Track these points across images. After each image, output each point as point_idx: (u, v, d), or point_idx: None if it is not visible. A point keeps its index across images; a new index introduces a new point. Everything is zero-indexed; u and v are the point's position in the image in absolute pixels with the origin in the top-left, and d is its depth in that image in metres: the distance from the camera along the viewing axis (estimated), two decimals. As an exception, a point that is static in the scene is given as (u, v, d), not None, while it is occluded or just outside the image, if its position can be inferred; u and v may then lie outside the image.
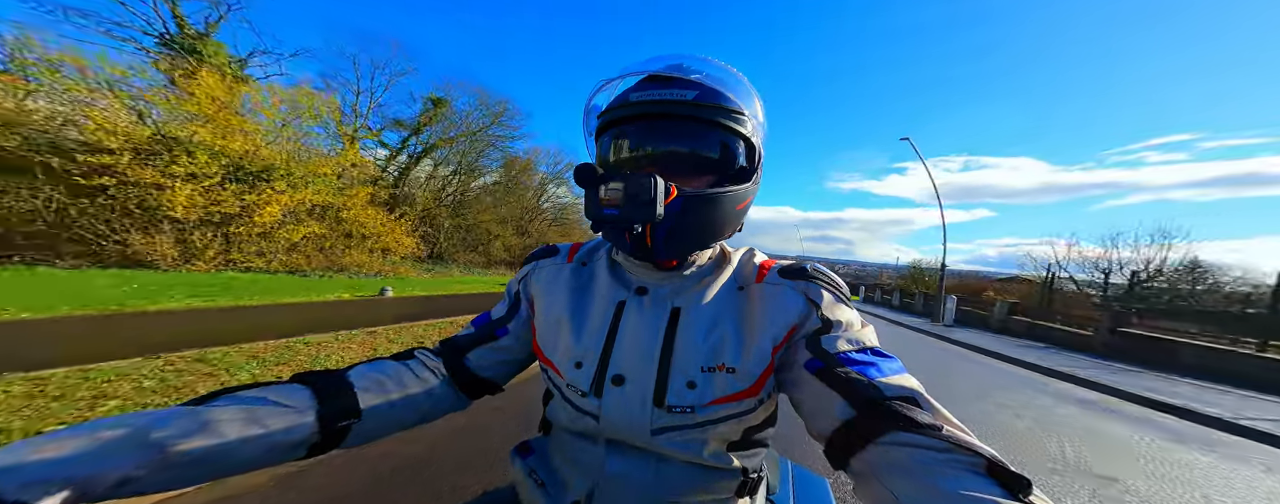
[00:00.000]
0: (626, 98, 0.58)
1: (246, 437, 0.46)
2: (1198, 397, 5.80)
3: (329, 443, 0.53)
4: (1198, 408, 5.18)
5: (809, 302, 0.59)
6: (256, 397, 0.50)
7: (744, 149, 0.60)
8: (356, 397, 0.56)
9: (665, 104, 0.55)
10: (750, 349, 0.57)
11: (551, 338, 0.65)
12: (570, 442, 0.64)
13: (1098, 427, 4.54)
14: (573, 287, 0.67)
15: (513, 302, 0.73)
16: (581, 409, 0.60)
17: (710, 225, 0.59)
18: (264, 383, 0.53)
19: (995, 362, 8.49)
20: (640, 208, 0.50)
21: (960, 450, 0.41)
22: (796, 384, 0.56)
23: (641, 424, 0.57)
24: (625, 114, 0.57)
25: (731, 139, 0.58)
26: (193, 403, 0.47)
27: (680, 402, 0.56)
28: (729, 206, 0.59)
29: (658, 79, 0.57)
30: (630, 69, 0.59)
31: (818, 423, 0.52)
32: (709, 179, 0.59)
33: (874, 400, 0.47)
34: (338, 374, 0.58)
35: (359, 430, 0.56)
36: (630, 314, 0.61)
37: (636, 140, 0.59)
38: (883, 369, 0.51)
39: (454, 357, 0.68)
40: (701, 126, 0.56)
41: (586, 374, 0.59)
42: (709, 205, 0.57)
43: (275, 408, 0.49)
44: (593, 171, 0.52)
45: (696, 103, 0.55)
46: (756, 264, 0.66)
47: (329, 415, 0.53)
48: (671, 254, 0.60)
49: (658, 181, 0.51)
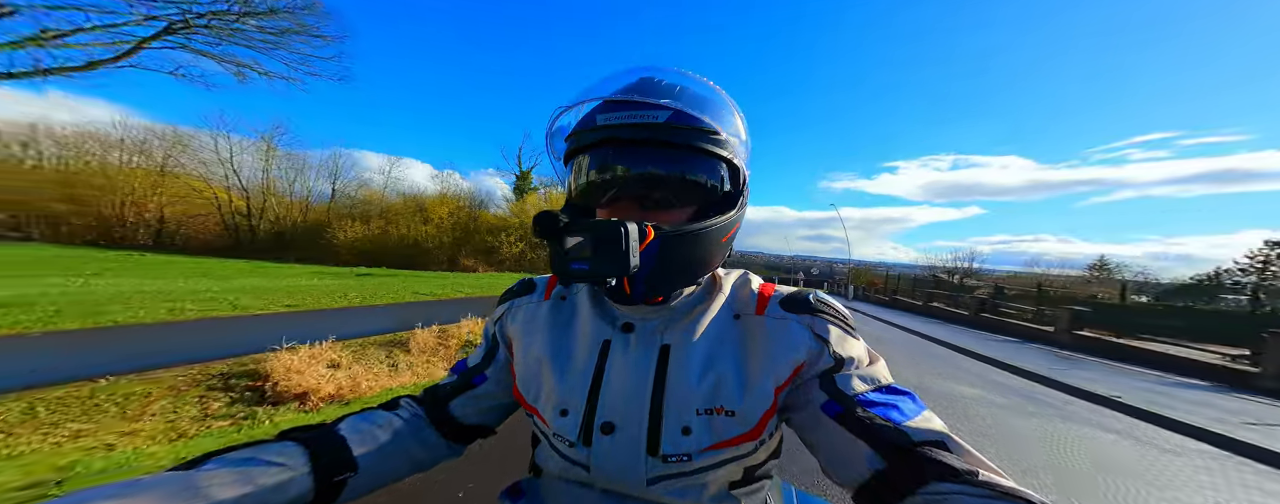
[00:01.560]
0: (593, 120, 0.54)
1: (241, 497, 0.43)
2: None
3: (325, 499, 0.51)
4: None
5: (816, 337, 0.55)
6: (247, 457, 0.48)
7: (727, 172, 0.56)
8: (350, 450, 0.54)
9: (635, 128, 0.51)
10: (752, 389, 0.53)
11: (533, 382, 0.61)
12: (563, 489, 0.60)
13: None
14: (552, 325, 0.63)
15: (490, 345, 0.69)
16: (571, 459, 0.56)
17: (695, 262, 0.56)
18: (254, 442, 0.51)
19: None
20: (611, 259, 0.47)
21: (1003, 497, 0.39)
22: (813, 428, 0.52)
23: (636, 475, 0.53)
24: (592, 140, 0.53)
25: (711, 163, 0.55)
26: (182, 468, 0.45)
27: (676, 450, 0.52)
28: (714, 239, 0.55)
29: (623, 103, 0.52)
30: (594, 88, 0.55)
31: (843, 472, 0.49)
32: (690, 209, 0.56)
33: (903, 447, 0.45)
34: (328, 428, 0.56)
35: (355, 484, 0.53)
36: (616, 354, 0.57)
37: (604, 169, 0.54)
38: (905, 411, 0.49)
39: (437, 408, 0.65)
40: (677, 151, 0.53)
41: (573, 422, 0.55)
42: (691, 243, 0.53)
43: (268, 467, 0.47)
44: (553, 221, 0.49)
45: (670, 125, 0.51)
46: (754, 291, 0.61)
47: (324, 470, 0.51)
48: (654, 295, 0.56)
49: (629, 230, 0.47)
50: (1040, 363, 7.56)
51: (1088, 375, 6.71)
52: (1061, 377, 6.42)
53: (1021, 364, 7.26)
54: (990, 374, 6.74)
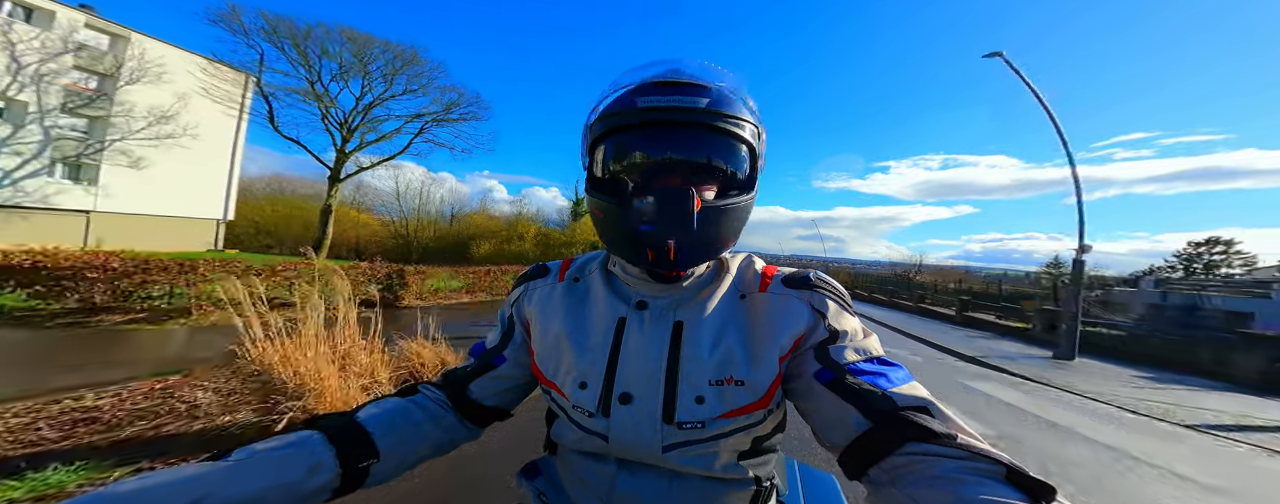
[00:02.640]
0: (633, 103, 0.56)
1: (271, 486, 0.46)
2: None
3: (351, 484, 0.53)
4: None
5: (814, 311, 0.59)
6: (274, 447, 0.50)
7: (749, 159, 0.59)
8: (371, 437, 0.56)
9: (678, 111, 0.54)
10: (758, 361, 0.57)
11: (552, 359, 0.64)
12: (578, 461, 0.64)
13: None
14: (568, 305, 0.66)
15: (506, 328, 0.72)
16: (589, 430, 0.60)
17: (723, 236, 0.58)
18: (279, 434, 0.53)
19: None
20: (677, 223, 0.51)
21: (979, 459, 0.41)
22: (806, 395, 0.56)
23: (652, 442, 0.56)
24: (633, 121, 0.55)
25: (740, 147, 0.57)
26: (211, 458, 0.47)
27: (690, 417, 0.56)
28: (740, 217, 0.58)
29: (665, 85, 0.55)
30: (627, 77, 0.58)
31: (831, 435, 0.52)
32: (716, 189, 0.58)
33: (888, 411, 0.48)
34: (348, 417, 0.58)
35: (378, 470, 0.56)
36: (632, 330, 0.60)
37: (648, 149, 0.57)
38: (892, 379, 0.52)
39: (456, 389, 0.68)
40: (713, 135, 0.55)
41: (592, 394, 0.59)
42: (725, 217, 0.56)
43: (296, 456, 0.50)
44: (617, 185, 0.55)
45: (709, 110, 0.54)
46: (758, 271, 0.66)
47: (348, 458, 0.53)
48: (690, 265, 0.59)
49: (693, 194, 0.52)
50: (931, 331, 13.14)
51: (950, 337, 12.02)
52: (931, 338, 11.46)
53: (918, 333, 12.33)
54: (904, 342, 11.25)
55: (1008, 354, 9.76)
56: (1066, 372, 8.15)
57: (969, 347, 10.40)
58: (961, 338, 12.14)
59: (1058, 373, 7.92)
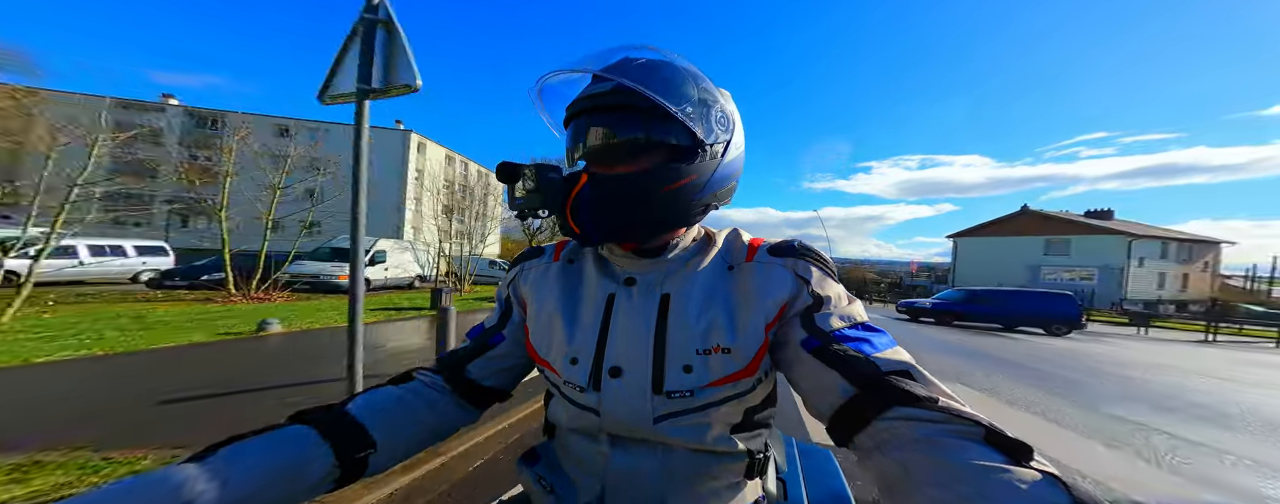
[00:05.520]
0: (572, 98, 0.61)
1: (270, 481, 0.45)
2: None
3: (350, 476, 0.53)
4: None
5: (798, 278, 0.59)
6: (264, 441, 0.48)
7: (681, 132, 0.58)
8: (364, 427, 0.55)
9: (595, 97, 0.58)
10: (744, 328, 0.57)
11: (545, 337, 0.65)
12: (574, 442, 0.65)
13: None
14: (562, 284, 0.67)
15: (504, 307, 0.73)
16: (581, 405, 0.61)
17: (646, 205, 0.58)
18: (267, 427, 0.51)
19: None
20: (543, 196, 0.55)
21: (959, 420, 0.42)
22: (793, 363, 0.56)
23: (643, 413, 0.57)
24: (570, 113, 0.61)
25: (654, 123, 0.57)
26: (202, 454, 0.45)
27: (679, 387, 0.56)
28: (658, 185, 0.57)
29: (596, 77, 0.59)
30: (581, 61, 0.60)
31: (818, 401, 0.52)
32: (648, 163, 0.58)
33: (872, 377, 0.48)
34: (337, 409, 0.57)
35: (377, 459, 0.55)
36: (621, 306, 0.61)
37: (578, 135, 0.60)
38: (876, 344, 0.52)
39: (454, 371, 0.68)
40: (622, 115, 0.57)
41: (583, 369, 0.60)
42: (627, 186, 0.56)
43: (290, 449, 0.49)
44: (510, 169, 0.57)
45: (614, 93, 0.56)
46: (745, 242, 0.66)
47: (344, 450, 0.52)
48: (610, 237, 0.60)
49: (555, 169, 0.56)
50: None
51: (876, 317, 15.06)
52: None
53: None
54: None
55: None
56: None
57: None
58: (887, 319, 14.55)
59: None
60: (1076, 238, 32.42)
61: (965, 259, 37.69)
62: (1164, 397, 5.66)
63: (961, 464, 0.38)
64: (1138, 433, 4.00)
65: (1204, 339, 15.40)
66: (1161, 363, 8.82)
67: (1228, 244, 36.74)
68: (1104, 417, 4.51)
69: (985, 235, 37.02)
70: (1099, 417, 4.51)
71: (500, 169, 0.57)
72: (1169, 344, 13.06)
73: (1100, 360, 8.73)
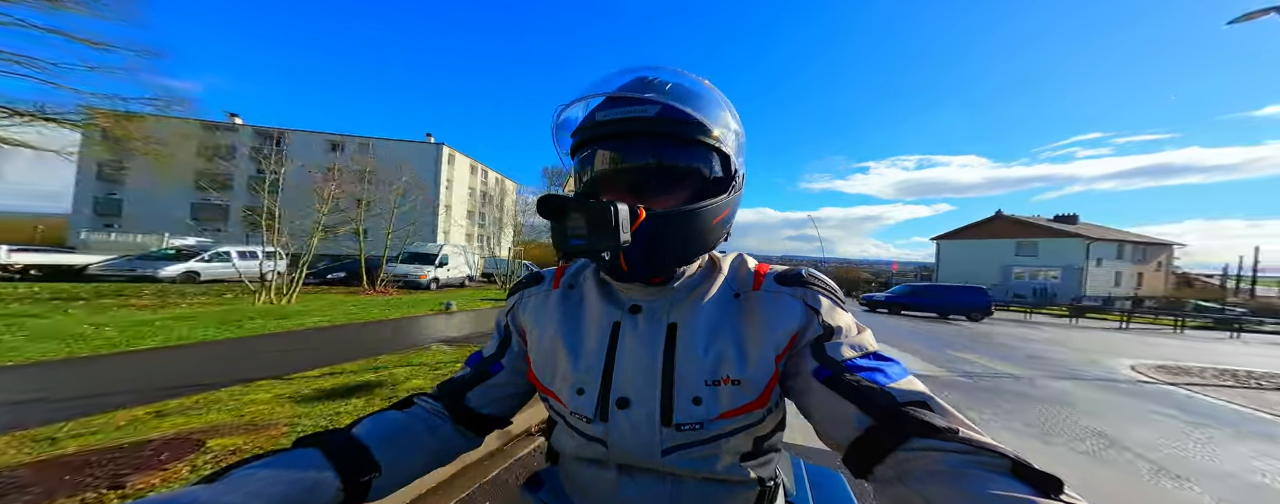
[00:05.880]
0: (593, 117, 0.58)
1: (278, 503, 0.45)
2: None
3: (354, 499, 0.52)
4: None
5: (808, 308, 0.58)
6: (271, 466, 0.49)
7: (718, 160, 0.59)
8: (369, 451, 0.55)
9: (626, 122, 0.55)
10: (754, 359, 0.57)
11: (548, 366, 0.64)
12: (580, 470, 0.63)
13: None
14: (563, 312, 0.66)
15: (503, 336, 0.72)
16: (588, 436, 0.60)
17: (688, 241, 0.59)
18: (272, 452, 0.52)
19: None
20: (604, 236, 0.50)
21: (983, 452, 0.41)
22: (805, 393, 0.55)
23: (651, 445, 0.56)
24: (592, 135, 0.58)
25: (699, 152, 0.57)
26: (212, 477, 0.46)
27: (688, 419, 0.56)
28: (704, 221, 0.58)
29: (621, 98, 0.57)
30: (593, 87, 0.60)
31: (833, 432, 0.52)
32: (682, 194, 0.58)
33: (888, 407, 0.47)
34: (344, 432, 0.57)
35: (380, 483, 0.55)
36: (626, 335, 0.60)
37: (603, 161, 0.58)
38: (890, 374, 0.52)
39: (453, 398, 0.67)
40: (666, 142, 0.56)
41: (589, 400, 0.59)
42: (679, 223, 0.56)
43: (294, 474, 0.48)
44: (555, 203, 0.52)
45: (659, 119, 0.54)
46: (750, 270, 0.65)
47: (349, 473, 0.52)
48: (653, 273, 0.59)
49: (619, 209, 0.50)
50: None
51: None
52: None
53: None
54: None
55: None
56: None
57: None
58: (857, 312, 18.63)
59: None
60: (1043, 241, 36.12)
61: (947, 259, 41.44)
62: (1006, 349, 9.28)
63: (987, 497, 0.37)
64: (956, 361, 7.54)
65: (1120, 327, 18.91)
66: (1039, 337, 12.35)
67: (1178, 246, 41.01)
68: (946, 355, 8.14)
69: (965, 238, 40.81)
70: (942, 355, 8.16)
71: (543, 203, 0.52)
72: (1080, 330, 15.82)
73: (996, 334, 12.39)
